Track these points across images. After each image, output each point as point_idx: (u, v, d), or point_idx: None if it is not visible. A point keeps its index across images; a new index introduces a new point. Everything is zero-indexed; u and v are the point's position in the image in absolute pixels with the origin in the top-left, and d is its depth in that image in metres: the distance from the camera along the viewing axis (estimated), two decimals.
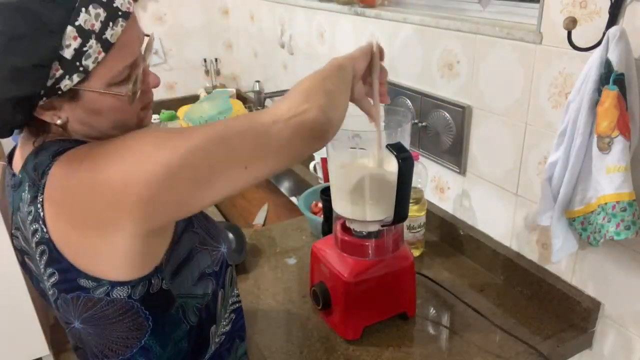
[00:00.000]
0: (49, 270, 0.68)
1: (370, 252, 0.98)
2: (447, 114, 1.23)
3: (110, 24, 0.62)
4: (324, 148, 0.81)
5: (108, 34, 0.61)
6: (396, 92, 1.39)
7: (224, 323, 0.87)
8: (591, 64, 0.81)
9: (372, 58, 0.86)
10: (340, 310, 0.99)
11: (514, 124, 1.08)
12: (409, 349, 0.98)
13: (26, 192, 0.67)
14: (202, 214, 0.82)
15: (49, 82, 0.61)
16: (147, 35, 0.72)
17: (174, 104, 2.31)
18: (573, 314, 1.02)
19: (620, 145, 0.79)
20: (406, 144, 0.88)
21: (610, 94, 0.78)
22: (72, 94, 0.64)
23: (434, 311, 1.08)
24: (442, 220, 1.31)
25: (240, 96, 2.50)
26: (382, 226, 0.96)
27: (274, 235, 1.39)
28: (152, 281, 0.71)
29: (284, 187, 1.97)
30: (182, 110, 2.00)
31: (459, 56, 1.18)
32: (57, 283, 0.69)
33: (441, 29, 1.21)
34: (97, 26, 0.61)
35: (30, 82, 0.60)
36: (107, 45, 0.62)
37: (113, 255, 0.66)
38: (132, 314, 0.72)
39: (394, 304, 1.03)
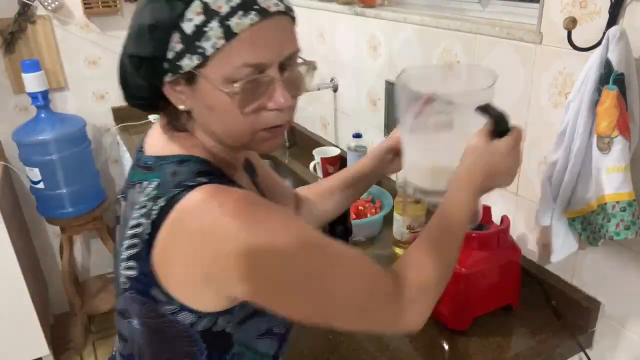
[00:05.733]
0: (131, 263, 0.65)
1: None
2: None
3: (240, 12, 0.58)
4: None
5: (233, 22, 0.58)
6: None
7: None
8: (591, 63, 0.81)
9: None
10: None
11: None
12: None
13: (152, 186, 0.64)
14: None
15: (170, 54, 0.60)
16: (309, 62, 0.72)
17: None
18: (573, 314, 1.02)
19: (620, 145, 0.79)
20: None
21: (610, 93, 0.78)
22: (191, 78, 0.61)
23: None
24: None
25: None
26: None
27: None
28: (219, 320, 0.67)
29: None
30: None
31: (459, 56, 1.18)
32: (132, 278, 0.66)
33: (441, 29, 1.21)
34: (225, 9, 0.58)
35: (147, 43, 0.60)
36: (229, 34, 0.58)
37: (193, 289, 0.65)
38: (189, 342, 0.68)
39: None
